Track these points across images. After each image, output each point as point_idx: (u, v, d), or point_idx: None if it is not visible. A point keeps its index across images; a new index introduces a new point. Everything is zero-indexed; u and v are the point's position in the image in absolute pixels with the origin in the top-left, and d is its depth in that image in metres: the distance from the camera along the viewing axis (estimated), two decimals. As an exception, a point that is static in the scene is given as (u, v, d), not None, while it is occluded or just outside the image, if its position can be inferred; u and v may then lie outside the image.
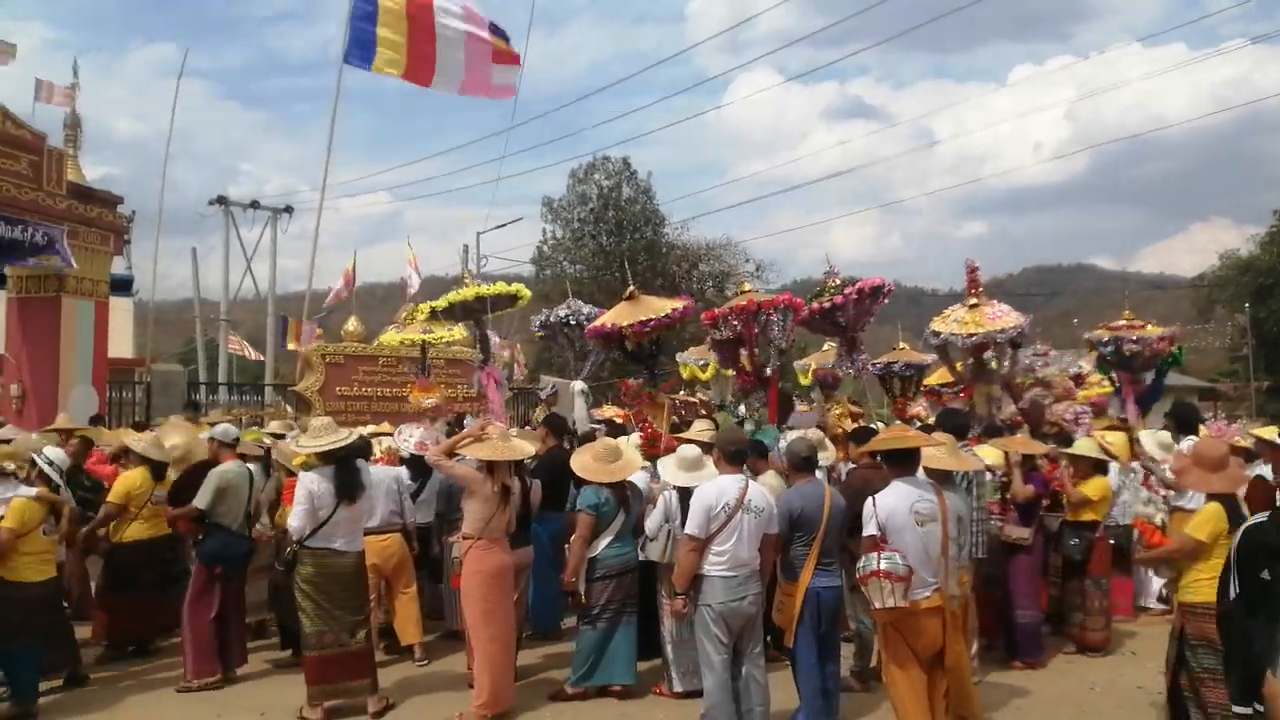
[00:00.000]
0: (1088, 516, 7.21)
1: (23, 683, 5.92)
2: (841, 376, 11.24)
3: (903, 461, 5.12)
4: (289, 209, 29.19)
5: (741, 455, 5.41)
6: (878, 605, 4.70)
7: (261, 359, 27.33)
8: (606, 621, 6.00)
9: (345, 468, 5.93)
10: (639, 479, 6.53)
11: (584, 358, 9.92)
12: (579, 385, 10.38)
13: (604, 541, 6.01)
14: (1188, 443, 7.57)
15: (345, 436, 6.05)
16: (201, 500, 6.51)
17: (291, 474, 6.88)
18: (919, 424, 10.06)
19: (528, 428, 9.98)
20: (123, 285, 20.48)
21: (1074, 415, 8.98)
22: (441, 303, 9.10)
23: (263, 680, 6.82)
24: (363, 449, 6.24)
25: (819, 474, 6.34)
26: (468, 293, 8.98)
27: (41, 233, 11.67)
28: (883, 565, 4.65)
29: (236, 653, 6.80)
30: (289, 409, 15.12)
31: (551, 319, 9.62)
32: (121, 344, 19.01)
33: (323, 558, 5.84)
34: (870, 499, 4.93)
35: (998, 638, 7.07)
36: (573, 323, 9.60)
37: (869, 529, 4.84)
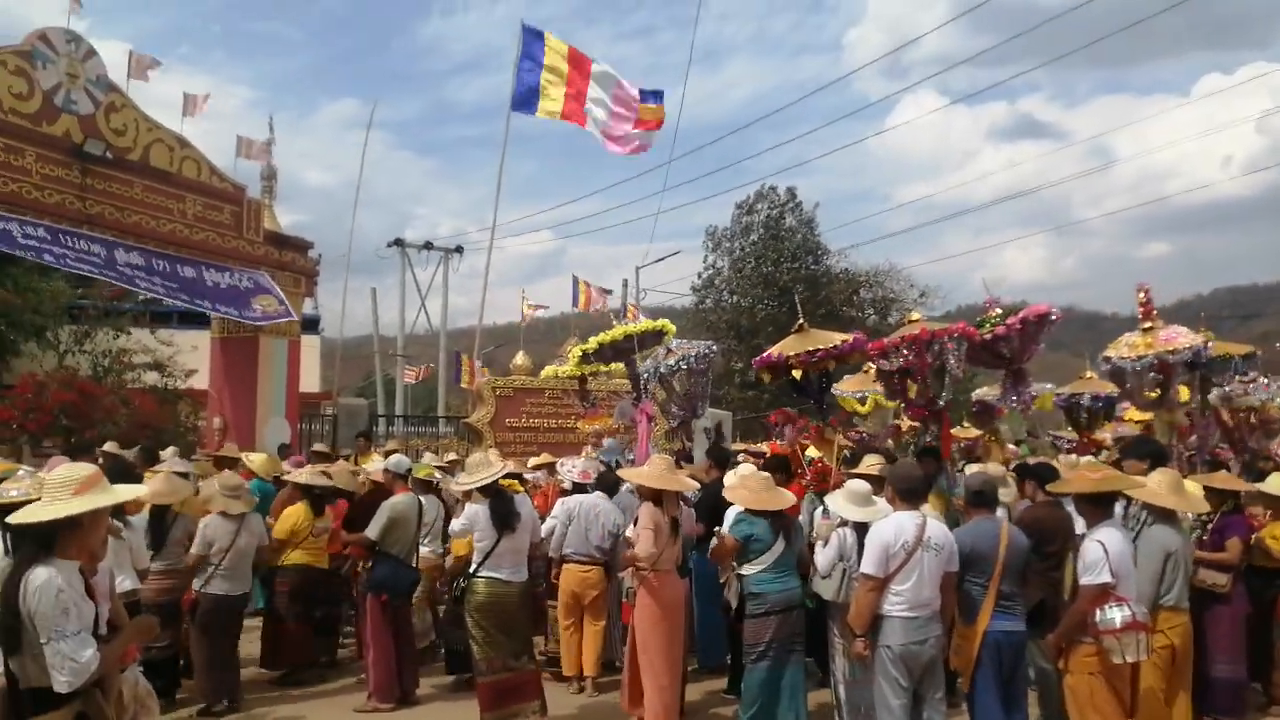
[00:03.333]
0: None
1: None
2: (1004, 409, 10.71)
3: (1109, 503, 4.88)
4: (459, 249, 30.59)
5: (918, 491, 5.22)
6: (1130, 659, 4.49)
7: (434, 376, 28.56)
8: (771, 660, 5.78)
9: (499, 500, 6.13)
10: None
11: (697, 397, 9.64)
12: (703, 421, 10.28)
13: (757, 568, 5.80)
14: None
15: (495, 470, 6.23)
16: (372, 531, 6.82)
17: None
18: (1104, 454, 9.50)
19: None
20: (310, 324, 21.97)
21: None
22: (591, 344, 9.22)
23: (433, 705, 7.04)
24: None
25: (999, 511, 6.06)
26: (615, 332, 9.08)
27: (247, 277, 12.72)
28: (1138, 617, 4.51)
29: (409, 678, 7.04)
30: (457, 439, 15.72)
31: (661, 368, 9.27)
32: (309, 379, 20.35)
33: (491, 587, 6.05)
34: (1098, 543, 4.68)
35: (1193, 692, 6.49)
36: (683, 367, 9.31)
37: (1101, 576, 4.61)
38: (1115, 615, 4.53)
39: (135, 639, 3.67)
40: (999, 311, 8.31)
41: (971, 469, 8.23)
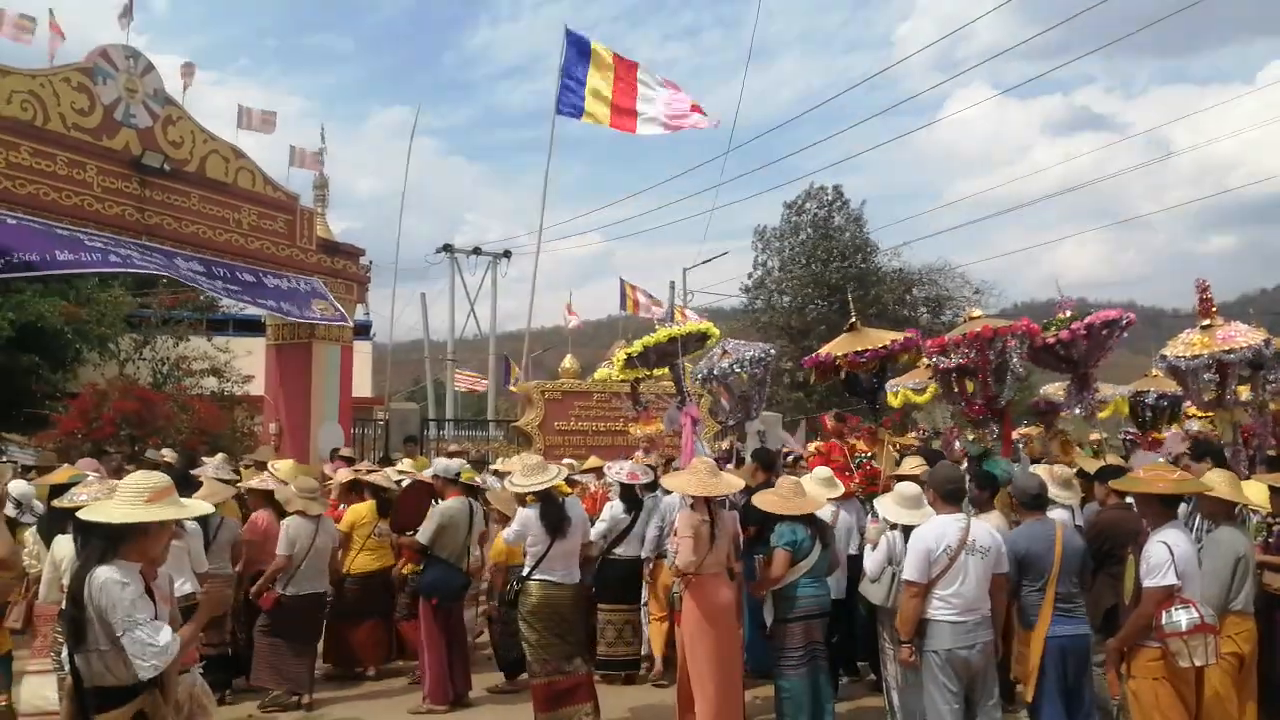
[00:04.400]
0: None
1: None
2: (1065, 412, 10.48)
3: (1175, 505, 4.76)
4: (507, 254, 30.76)
5: (959, 493, 5.10)
6: (1198, 663, 4.37)
7: (485, 386, 28.77)
8: (807, 666, 5.76)
9: (550, 504, 6.18)
10: (827, 514, 6.36)
11: (753, 400, 9.54)
12: (755, 425, 10.17)
13: (795, 574, 5.75)
14: None
15: (552, 475, 6.28)
16: (424, 535, 6.89)
17: (507, 516, 7.15)
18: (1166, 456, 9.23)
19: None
20: (362, 330, 22.27)
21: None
22: (636, 347, 9.18)
23: (486, 707, 7.07)
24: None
25: (1064, 513, 5.91)
26: (659, 335, 9.04)
27: (304, 282, 12.94)
28: (1206, 620, 4.38)
29: (461, 679, 7.09)
30: (506, 443, 15.82)
31: (715, 370, 9.22)
32: (361, 384, 20.62)
33: (545, 590, 6.09)
34: (1163, 544, 4.54)
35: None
36: (737, 370, 9.25)
37: (1166, 578, 4.47)
38: (1182, 618, 4.40)
39: (207, 615, 3.79)
40: (1068, 314, 8.10)
41: (1037, 470, 8.05)
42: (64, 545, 5.19)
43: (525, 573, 6.18)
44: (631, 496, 7.63)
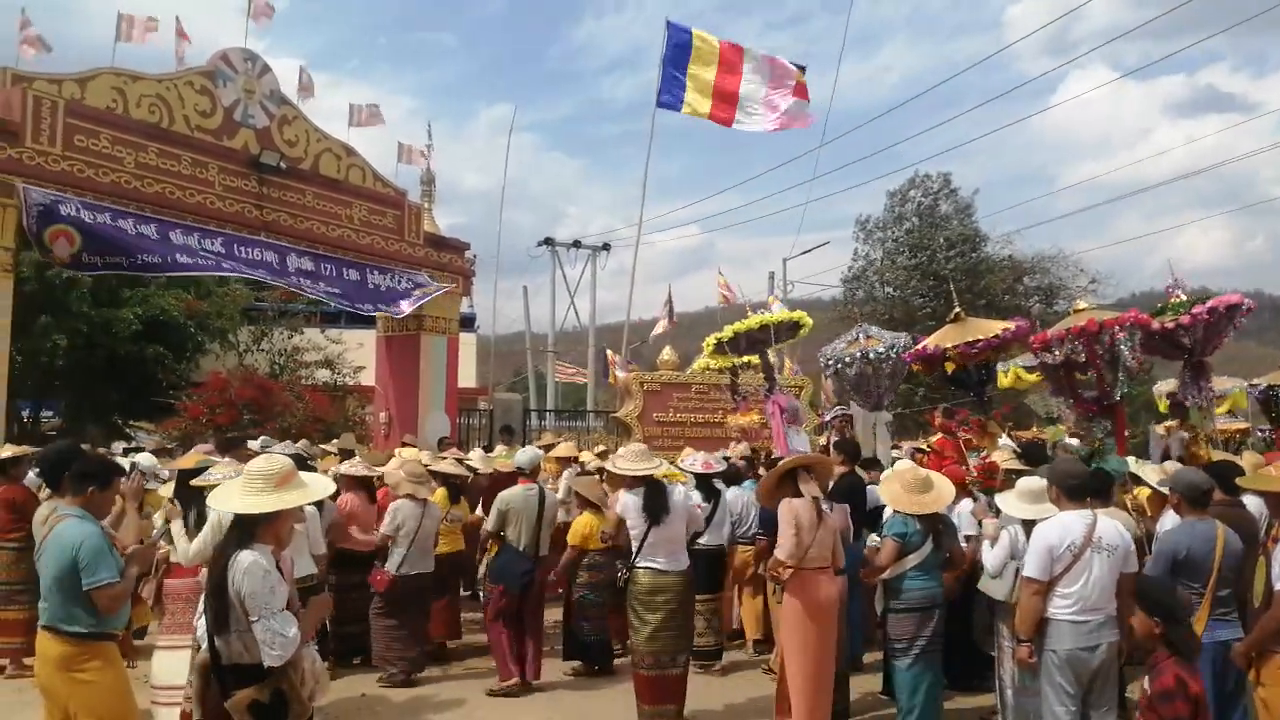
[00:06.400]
0: None
1: None
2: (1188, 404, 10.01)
3: None
4: (607, 246, 30.97)
5: (1084, 489, 4.91)
6: None
7: (584, 378, 29.13)
8: (913, 658, 5.68)
9: (650, 492, 6.18)
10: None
11: (881, 389, 9.33)
12: (886, 415, 9.92)
13: (903, 566, 5.67)
14: None
15: (655, 465, 6.32)
16: (489, 525, 7.12)
17: (588, 502, 7.28)
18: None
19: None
20: (466, 322, 22.78)
21: None
22: (726, 333, 9.16)
23: (562, 691, 7.13)
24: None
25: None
26: (751, 322, 8.98)
27: (407, 278, 13.32)
28: None
29: (531, 662, 7.15)
30: (606, 434, 15.95)
31: (847, 358, 9.05)
32: (465, 375, 21.09)
33: (651, 576, 6.10)
34: None
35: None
36: (892, 356, 9.04)
37: None
38: None
39: (318, 616, 3.92)
40: (1183, 298, 7.71)
41: (1148, 469, 7.70)
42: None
43: (631, 559, 6.21)
44: (708, 486, 7.64)
